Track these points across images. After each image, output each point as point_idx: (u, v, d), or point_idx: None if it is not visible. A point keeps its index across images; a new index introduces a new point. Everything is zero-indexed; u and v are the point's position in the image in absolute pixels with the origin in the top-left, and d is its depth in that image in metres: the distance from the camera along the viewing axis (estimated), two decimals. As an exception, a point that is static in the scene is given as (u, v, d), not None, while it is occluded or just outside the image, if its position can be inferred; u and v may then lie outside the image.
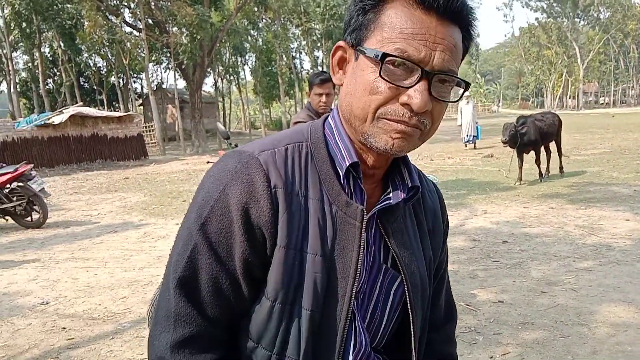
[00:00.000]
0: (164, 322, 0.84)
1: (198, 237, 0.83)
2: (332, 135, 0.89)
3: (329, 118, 0.93)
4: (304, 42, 39.40)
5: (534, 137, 9.23)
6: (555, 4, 62.71)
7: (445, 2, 0.76)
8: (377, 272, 0.90)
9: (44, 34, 32.61)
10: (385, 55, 0.76)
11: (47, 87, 35.20)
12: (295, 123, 3.78)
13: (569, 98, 67.60)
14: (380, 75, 0.77)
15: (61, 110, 18.62)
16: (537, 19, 65.98)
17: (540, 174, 9.64)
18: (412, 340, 0.93)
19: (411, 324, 0.92)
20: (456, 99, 0.84)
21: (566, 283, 4.30)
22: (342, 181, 0.86)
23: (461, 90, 0.84)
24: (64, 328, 3.90)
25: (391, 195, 0.89)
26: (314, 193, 0.85)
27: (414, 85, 0.76)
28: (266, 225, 0.81)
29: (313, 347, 0.84)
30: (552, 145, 9.92)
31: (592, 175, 10.04)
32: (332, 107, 3.88)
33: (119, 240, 6.72)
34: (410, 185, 0.90)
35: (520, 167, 9.53)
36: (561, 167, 10.06)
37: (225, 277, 0.83)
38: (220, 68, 36.12)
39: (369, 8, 0.80)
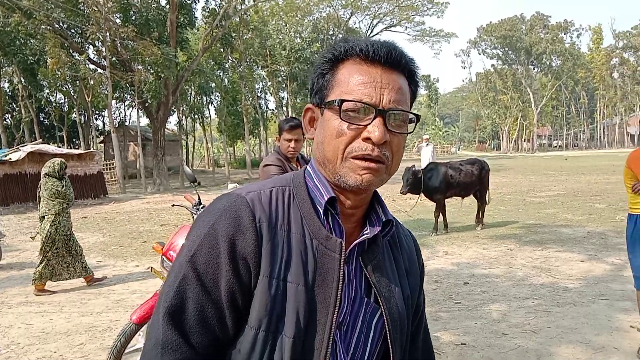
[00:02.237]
0: (153, 350, 0.87)
1: (187, 268, 0.88)
2: (311, 180, 0.98)
3: (308, 166, 1.02)
4: (269, 83, 39.92)
5: (437, 185, 8.84)
6: (510, 52, 65.80)
7: (386, 55, 0.90)
8: (359, 305, 0.96)
9: (4, 69, 31.99)
10: (342, 100, 0.89)
11: (4, 122, 34.26)
12: (265, 166, 3.83)
13: (524, 141, 70.20)
14: (341, 118, 0.89)
15: (19, 147, 18.14)
16: (493, 65, 68.99)
17: (435, 227, 8.96)
18: None
19: (391, 356, 0.97)
20: (411, 131, 0.95)
21: (525, 324, 4.40)
22: (321, 218, 0.94)
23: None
24: (16, 377, 3.74)
25: (368, 230, 0.97)
26: (296, 228, 0.92)
27: (371, 122, 0.88)
28: (250, 255, 0.88)
29: None
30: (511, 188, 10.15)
31: (548, 217, 10.40)
32: (301, 152, 3.95)
33: (76, 283, 6.50)
34: (384, 219, 0.99)
35: (443, 215, 9.05)
36: (481, 219, 9.45)
37: (210, 307, 0.88)
38: (185, 106, 36.07)
39: (326, 71, 0.94)
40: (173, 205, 4.32)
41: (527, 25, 65.33)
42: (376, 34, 46.59)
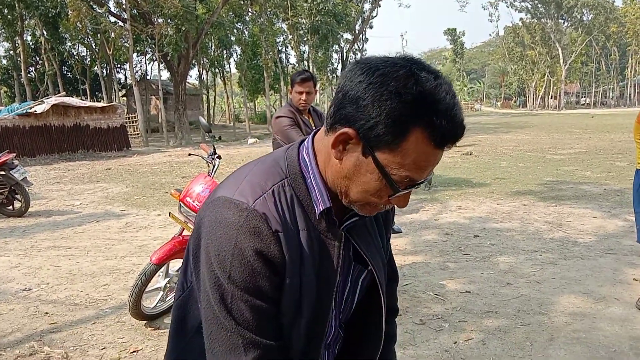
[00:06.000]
0: (232, 354, 0.98)
1: (231, 288, 0.96)
2: (307, 173, 1.03)
3: (304, 153, 1.04)
4: (290, 37, 39.40)
5: None
6: (539, 5, 63.43)
7: (455, 140, 0.91)
8: (348, 268, 1.10)
9: (27, 22, 32.16)
10: (397, 190, 0.92)
11: (29, 75, 34.73)
12: (278, 117, 3.95)
13: (551, 98, 68.54)
14: (388, 199, 0.95)
15: (43, 100, 18.47)
16: (521, 19, 66.78)
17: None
18: (383, 314, 1.16)
19: (382, 303, 1.15)
20: None
21: (531, 275, 4.52)
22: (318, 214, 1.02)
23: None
24: (47, 313, 4.02)
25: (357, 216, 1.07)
26: (301, 225, 1.00)
27: (405, 193, 0.95)
28: (278, 262, 0.97)
29: (309, 341, 1.05)
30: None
31: (566, 174, 10.34)
32: (312, 104, 4.04)
33: (101, 230, 6.81)
34: None
35: None
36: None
37: (264, 308, 0.99)
38: (205, 60, 35.99)
39: (394, 126, 0.87)
40: (189, 154, 4.48)
41: (559, -24, 62.61)
42: (400, -14, 45.20)
